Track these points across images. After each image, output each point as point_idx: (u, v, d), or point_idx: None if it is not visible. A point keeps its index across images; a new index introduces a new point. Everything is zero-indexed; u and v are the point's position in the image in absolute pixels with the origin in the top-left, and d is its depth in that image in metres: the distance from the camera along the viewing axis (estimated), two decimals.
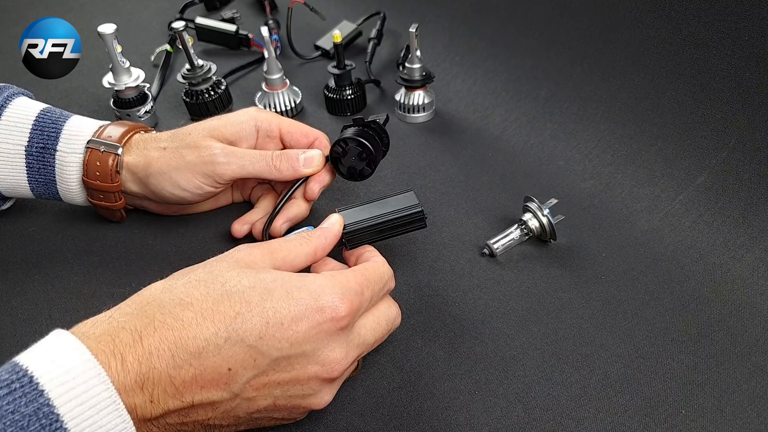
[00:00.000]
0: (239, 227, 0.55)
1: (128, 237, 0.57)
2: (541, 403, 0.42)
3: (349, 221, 0.46)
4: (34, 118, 0.51)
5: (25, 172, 0.52)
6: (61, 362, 0.29)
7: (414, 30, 0.64)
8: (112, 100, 0.71)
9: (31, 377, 0.28)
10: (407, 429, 0.41)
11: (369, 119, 0.54)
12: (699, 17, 0.57)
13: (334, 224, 0.44)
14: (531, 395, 0.42)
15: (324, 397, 0.37)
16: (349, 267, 0.42)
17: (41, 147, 0.51)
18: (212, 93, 0.71)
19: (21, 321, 0.49)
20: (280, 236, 0.53)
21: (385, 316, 0.40)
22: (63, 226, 0.58)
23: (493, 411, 0.41)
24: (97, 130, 0.53)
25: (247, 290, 0.34)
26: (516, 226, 0.53)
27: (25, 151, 0.51)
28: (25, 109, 0.52)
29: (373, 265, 0.41)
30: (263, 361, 0.33)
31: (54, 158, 0.52)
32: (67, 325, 0.48)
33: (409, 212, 0.46)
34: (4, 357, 0.46)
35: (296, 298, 0.35)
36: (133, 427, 0.31)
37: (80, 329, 0.33)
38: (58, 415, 0.28)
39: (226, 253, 0.39)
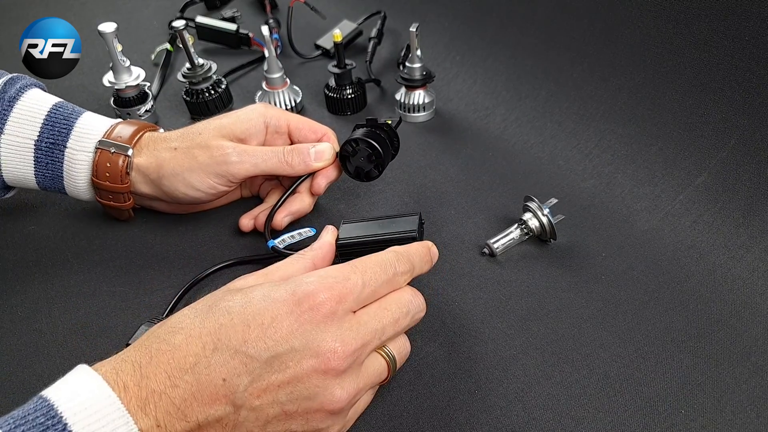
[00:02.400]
0: (246, 222, 0.55)
1: (129, 236, 0.57)
2: (540, 402, 0.42)
3: (345, 235, 0.46)
4: (46, 113, 0.51)
5: (33, 165, 0.51)
6: (87, 404, 0.31)
7: (414, 29, 0.64)
8: (113, 98, 0.71)
9: (65, 424, 0.29)
10: (407, 429, 0.41)
11: (382, 121, 0.54)
12: (699, 17, 0.57)
13: (326, 235, 0.44)
14: (530, 395, 0.42)
15: (334, 392, 0.34)
16: None
17: (51, 143, 0.51)
18: (212, 92, 0.71)
19: (20, 319, 0.49)
20: (281, 229, 0.54)
21: (396, 300, 0.38)
22: (63, 225, 0.58)
23: (492, 410, 0.41)
24: (107, 130, 0.52)
25: (230, 304, 0.35)
26: (516, 225, 0.53)
27: (35, 145, 0.51)
28: (38, 102, 0.52)
29: (370, 255, 0.39)
30: (254, 364, 0.33)
31: (63, 155, 0.51)
32: (68, 324, 0.48)
33: (402, 236, 0.45)
34: (4, 355, 0.46)
35: (274, 298, 0.35)
36: None
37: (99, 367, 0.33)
38: None
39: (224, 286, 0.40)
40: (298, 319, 0.34)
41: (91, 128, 0.52)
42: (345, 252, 0.46)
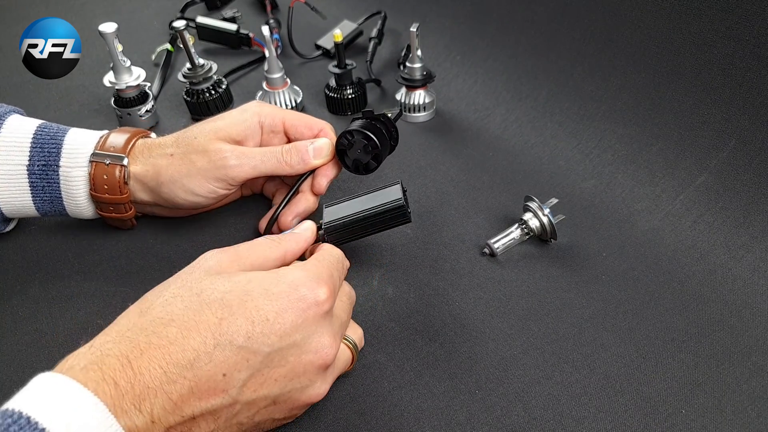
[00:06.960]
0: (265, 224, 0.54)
1: (129, 236, 0.57)
2: (541, 402, 0.42)
3: (331, 218, 0.46)
4: (32, 136, 0.50)
5: (29, 191, 0.51)
6: (63, 407, 0.29)
7: (415, 29, 0.64)
8: (113, 99, 0.71)
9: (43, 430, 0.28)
10: (407, 429, 0.41)
11: (379, 113, 0.54)
12: (699, 17, 0.57)
13: (306, 230, 0.44)
14: (531, 395, 0.42)
15: (321, 387, 0.37)
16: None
17: (43, 165, 0.50)
18: (213, 92, 0.71)
19: (21, 319, 0.49)
20: None
21: (345, 293, 0.42)
22: (64, 225, 0.58)
23: (493, 410, 0.41)
24: (98, 142, 0.52)
25: (226, 295, 0.35)
26: (516, 225, 0.53)
27: (27, 170, 0.50)
28: (21, 127, 0.51)
29: (326, 250, 0.42)
30: (256, 359, 0.33)
31: (58, 175, 0.51)
32: (68, 324, 0.48)
33: (390, 207, 0.45)
34: (5, 355, 0.46)
35: (276, 293, 0.35)
36: None
37: (64, 366, 0.32)
38: None
39: (194, 263, 0.39)
40: (301, 315, 0.35)
41: (81, 143, 0.51)
42: (335, 235, 0.46)
